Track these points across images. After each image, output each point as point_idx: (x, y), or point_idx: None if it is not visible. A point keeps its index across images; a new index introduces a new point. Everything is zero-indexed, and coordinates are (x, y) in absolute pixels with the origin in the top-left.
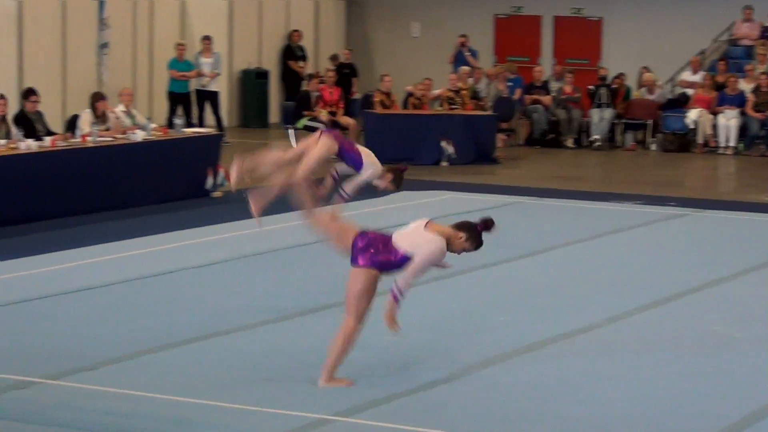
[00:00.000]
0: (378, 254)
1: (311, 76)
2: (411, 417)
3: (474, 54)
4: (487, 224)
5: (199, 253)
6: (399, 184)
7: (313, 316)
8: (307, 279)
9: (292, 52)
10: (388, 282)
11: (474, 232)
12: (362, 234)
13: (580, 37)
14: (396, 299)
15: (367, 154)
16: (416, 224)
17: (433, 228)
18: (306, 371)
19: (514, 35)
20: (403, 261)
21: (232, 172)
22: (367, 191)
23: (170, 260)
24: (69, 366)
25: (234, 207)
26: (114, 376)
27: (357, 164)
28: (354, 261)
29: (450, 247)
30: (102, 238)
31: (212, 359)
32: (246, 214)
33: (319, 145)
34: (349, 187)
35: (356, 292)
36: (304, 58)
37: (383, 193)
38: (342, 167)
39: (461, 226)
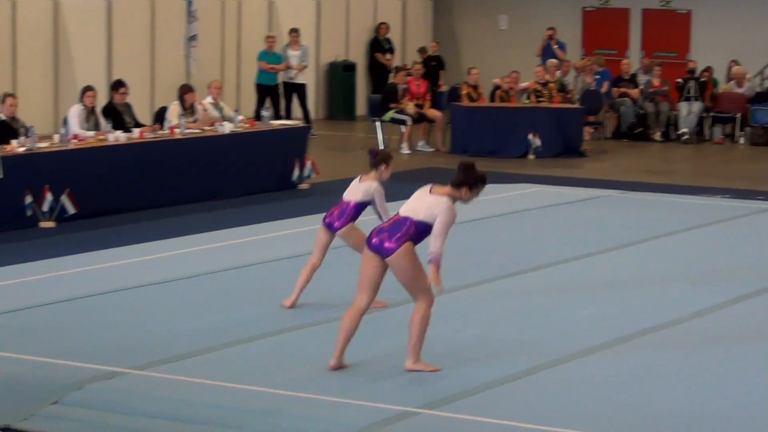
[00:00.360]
0: (396, 232)
1: (398, 69)
2: (496, 410)
3: (562, 47)
4: (468, 168)
5: (286, 245)
6: (389, 163)
7: (400, 308)
8: None
9: (379, 44)
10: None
11: (470, 182)
12: (369, 234)
13: (669, 29)
14: (437, 265)
15: (353, 192)
16: (420, 192)
17: (438, 191)
18: (390, 362)
19: (602, 28)
20: (421, 225)
21: None
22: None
23: (258, 252)
24: (156, 357)
25: (321, 199)
26: (201, 367)
27: (358, 207)
28: (384, 254)
29: (460, 202)
30: (189, 229)
31: (299, 351)
32: (331, 207)
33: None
34: (383, 214)
35: (408, 276)
36: (391, 50)
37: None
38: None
39: (459, 183)
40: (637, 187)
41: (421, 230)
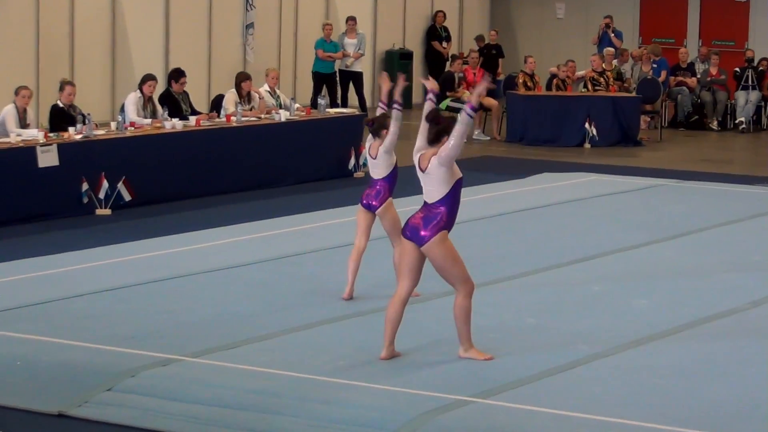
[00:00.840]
0: (432, 219)
1: (455, 57)
2: (550, 399)
3: (618, 35)
4: (437, 118)
5: (341, 233)
6: (387, 125)
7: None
8: None
9: (436, 32)
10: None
11: (444, 130)
12: (405, 222)
13: (727, 18)
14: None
15: (375, 169)
16: (420, 175)
17: (425, 161)
18: (443, 350)
19: (660, 16)
20: (447, 201)
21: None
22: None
23: (313, 240)
24: (210, 344)
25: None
26: (255, 355)
27: (388, 180)
28: (419, 242)
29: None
30: (244, 217)
31: (352, 339)
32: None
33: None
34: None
35: (444, 264)
36: (448, 38)
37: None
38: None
39: (437, 137)
40: (694, 176)
41: (450, 208)
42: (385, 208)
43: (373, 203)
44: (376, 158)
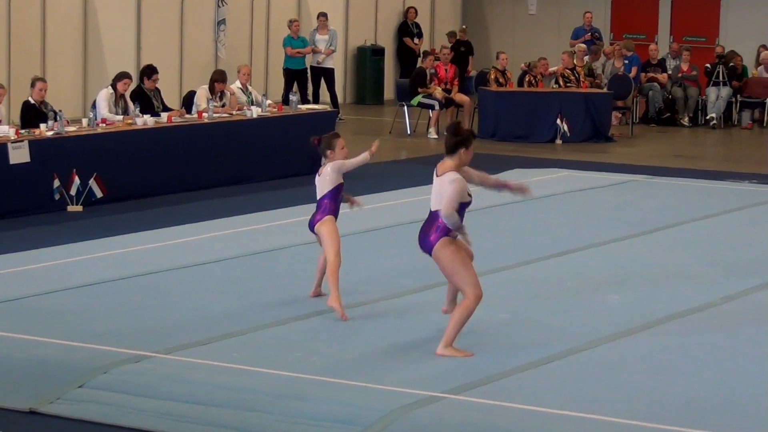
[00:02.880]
0: (432, 226)
1: (426, 54)
2: (523, 395)
3: (600, 37)
4: (458, 129)
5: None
6: (333, 145)
7: (430, 292)
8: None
9: (407, 29)
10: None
11: (463, 141)
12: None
13: (698, 14)
14: (447, 230)
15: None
16: (434, 179)
17: (442, 168)
18: (418, 348)
19: (631, 12)
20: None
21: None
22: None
23: (287, 236)
24: (182, 340)
25: (348, 183)
26: (227, 351)
27: (327, 197)
28: (427, 249)
29: (463, 167)
30: (217, 213)
31: (326, 335)
32: (359, 193)
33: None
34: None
35: (449, 269)
36: (419, 35)
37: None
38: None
39: (455, 148)
40: (666, 172)
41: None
42: (323, 222)
43: (315, 218)
44: (321, 176)
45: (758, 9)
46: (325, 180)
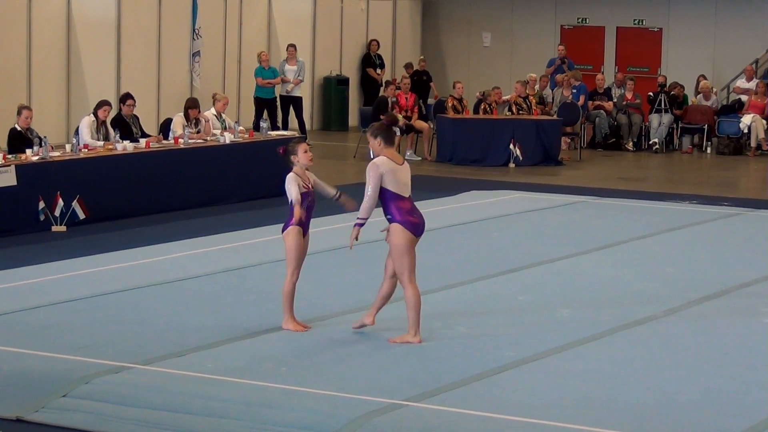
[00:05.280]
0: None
1: (388, 83)
2: (480, 402)
3: (570, 66)
4: (391, 119)
5: (282, 248)
6: (296, 150)
7: (390, 306)
8: None
9: (370, 60)
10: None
11: (382, 131)
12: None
13: (641, 46)
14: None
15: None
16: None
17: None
18: (377, 356)
19: (579, 44)
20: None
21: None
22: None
23: (257, 254)
24: (160, 352)
25: (315, 205)
26: (202, 363)
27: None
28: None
29: (380, 154)
30: (192, 233)
31: (294, 347)
32: (326, 213)
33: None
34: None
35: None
36: (382, 65)
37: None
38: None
39: (374, 134)
40: (611, 193)
41: (386, 201)
42: (287, 233)
43: (285, 224)
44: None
45: (697, 42)
46: (289, 190)
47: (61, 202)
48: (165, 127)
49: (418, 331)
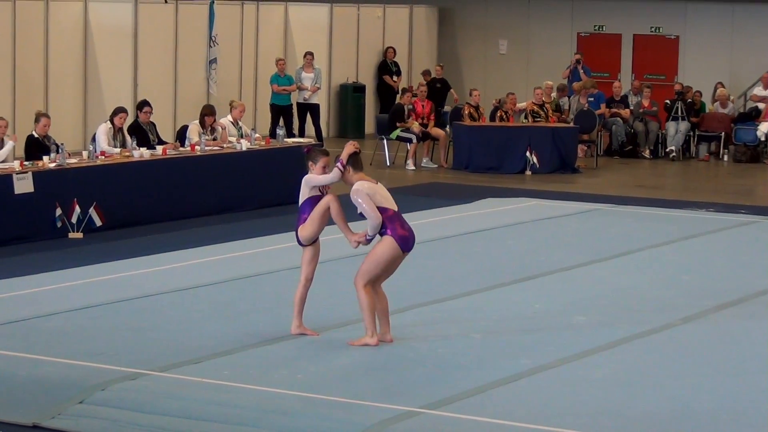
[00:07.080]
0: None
1: (404, 90)
2: (496, 410)
3: (587, 71)
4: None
5: (298, 255)
6: (315, 160)
7: (405, 314)
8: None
9: (387, 67)
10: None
11: (349, 159)
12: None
13: (658, 54)
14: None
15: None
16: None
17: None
18: (397, 365)
19: (596, 52)
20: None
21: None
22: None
23: (273, 261)
24: (177, 359)
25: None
26: (219, 370)
27: (302, 206)
28: None
29: (353, 180)
30: (208, 240)
31: (309, 354)
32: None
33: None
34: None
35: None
36: (398, 73)
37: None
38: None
39: (343, 165)
40: (628, 201)
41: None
42: (301, 228)
43: (296, 229)
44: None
45: (714, 49)
46: (301, 192)
47: (77, 209)
48: (181, 134)
49: (375, 332)
